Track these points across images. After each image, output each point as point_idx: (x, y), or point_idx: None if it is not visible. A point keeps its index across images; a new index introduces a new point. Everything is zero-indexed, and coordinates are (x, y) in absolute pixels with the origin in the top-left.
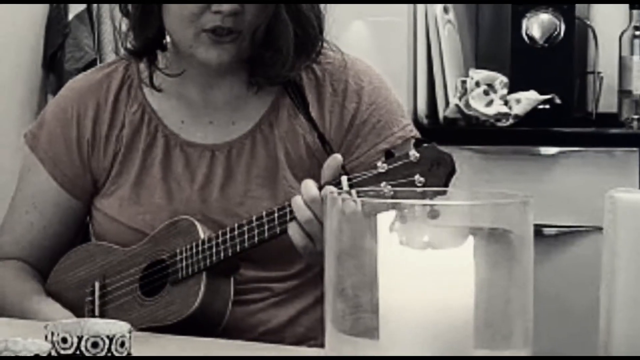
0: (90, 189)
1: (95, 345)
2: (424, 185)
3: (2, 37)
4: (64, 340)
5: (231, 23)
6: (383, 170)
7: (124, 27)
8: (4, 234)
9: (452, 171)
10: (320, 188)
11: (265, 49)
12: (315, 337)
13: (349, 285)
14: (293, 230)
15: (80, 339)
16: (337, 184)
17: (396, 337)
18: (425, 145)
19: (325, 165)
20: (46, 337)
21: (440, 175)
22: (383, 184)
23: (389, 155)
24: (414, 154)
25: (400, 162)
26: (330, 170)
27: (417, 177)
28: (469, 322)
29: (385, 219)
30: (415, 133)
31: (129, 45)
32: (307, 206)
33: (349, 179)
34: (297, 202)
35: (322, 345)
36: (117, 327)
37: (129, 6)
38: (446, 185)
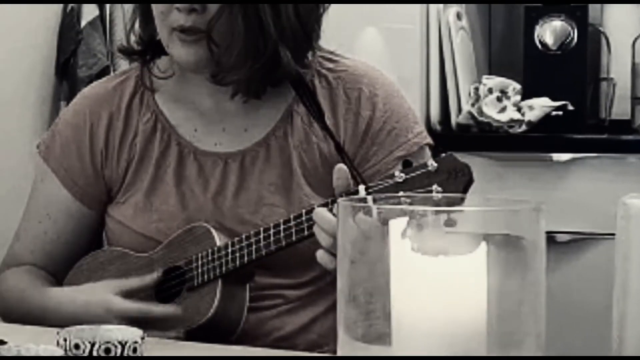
0: (104, 198)
1: (107, 351)
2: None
3: (15, 44)
4: (77, 346)
5: (192, 22)
6: (401, 180)
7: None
8: (18, 242)
9: (470, 181)
10: (334, 201)
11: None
12: (327, 343)
13: (361, 292)
14: (322, 256)
15: (92, 345)
16: (355, 193)
17: (408, 343)
18: (443, 155)
19: (334, 178)
20: (58, 342)
21: (458, 185)
22: (401, 193)
23: (406, 164)
24: (432, 163)
25: (418, 172)
26: (341, 182)
27: (435, 187)
28: (481, 328)
29: (397, 225)
30: (430, 140)
31: (123, 43)
32: (329, 234)
33: (366, 188)
34: (320, 233)
35: (334, 352)
36: (130, 333)
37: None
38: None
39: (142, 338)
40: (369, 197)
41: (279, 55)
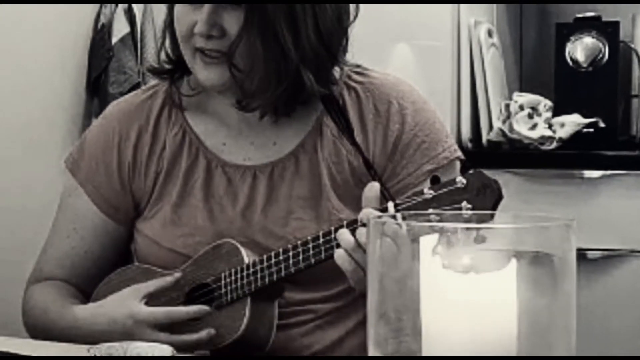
0: (132, 213)
1: None
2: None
3: (47, 61)
4: None
5: (213, 45)
6: (430, 197)
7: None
8: (46, 257)
9: (499, 198)
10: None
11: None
12: None
13: (392, 308)
14: (341, 257)
15: None
16: (384, 210)
17: None
18: (471, 171)
19: (364, 196)
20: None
21: (487, 201)
22: (430, 210)
23: (435, 180)
24: (460, 180)
25: (447, 189)
26: (370, 202)
27: (464, 203)
28: (512, 345)
29: (427, 242)
30: (460, 154)
31: (152, 63)
32: (357, 244)
33: (395, 205)
34: (344, 233)
35: None
36: (159, 350)
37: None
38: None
39: (172, 355)
40: (398, 215)
41: (302, 78)
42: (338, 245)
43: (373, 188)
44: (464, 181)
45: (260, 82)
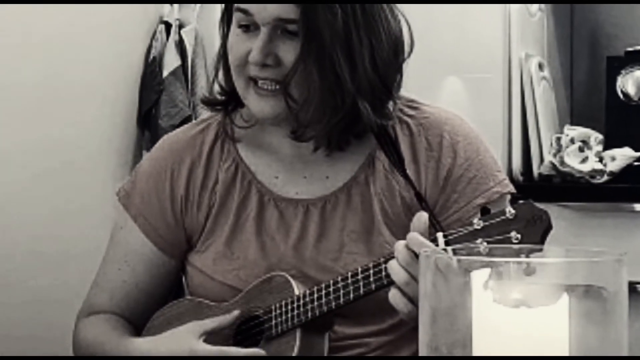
0: (184, 246)
1: None
2: (520, 243)
3: (98, 94)
4: None
5: (267, 74)
6: (479, 227)
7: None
8: (97, 290)
9: (549, 228)
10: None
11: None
12: None
13: (443, 343)
14: (394, 296)
15: None
16: (433, 241)
17: None
18: (521, 202)
19: (412, 226)
20: None
21: (536, 232)
22: (479, 240)
23: (484, 211)
24: (510, 210)
25: (496, 219)
26: (418, 232)
27: (513, 234)
28: None
29: (479, 276)
30: (511, 188)
31: (205, 94)
32: (404, 268)
33: (444, 236)
34: (393, 266)
35: None
36: None
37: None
38: (542, 242)
39: None
40: (449, 248)
41: (357, 109)
42: (387, 276)
43: (422, 218)
44: (514, 212)
45: (316, 112)
